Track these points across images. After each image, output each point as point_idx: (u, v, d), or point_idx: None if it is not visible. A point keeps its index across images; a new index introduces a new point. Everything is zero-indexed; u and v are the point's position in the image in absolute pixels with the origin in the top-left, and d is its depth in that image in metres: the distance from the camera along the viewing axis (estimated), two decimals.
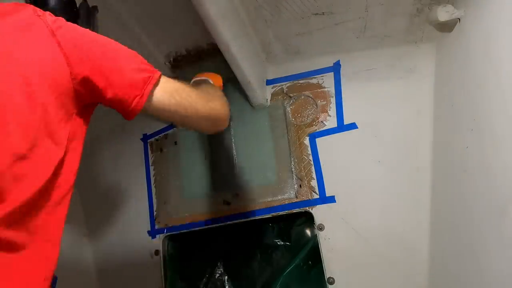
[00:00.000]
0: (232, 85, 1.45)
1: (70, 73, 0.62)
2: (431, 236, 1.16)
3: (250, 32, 1.27)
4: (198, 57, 1.42)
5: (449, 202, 1.09)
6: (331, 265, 1.22)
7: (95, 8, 0.89)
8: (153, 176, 1.53)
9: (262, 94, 1.37)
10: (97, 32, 0.78)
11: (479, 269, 0.90)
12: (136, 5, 1.22)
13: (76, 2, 0.85)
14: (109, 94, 0.66)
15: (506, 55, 0.83)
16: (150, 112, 0.73)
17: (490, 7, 0.91)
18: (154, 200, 1.51)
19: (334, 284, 1.21)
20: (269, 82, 1.42)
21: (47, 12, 0.65)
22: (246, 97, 1.39)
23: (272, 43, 1.33)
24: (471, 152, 0.96)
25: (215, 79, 1.09)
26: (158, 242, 1.46)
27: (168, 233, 1.45)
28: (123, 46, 0.71)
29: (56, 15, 0.68)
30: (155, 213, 1.50)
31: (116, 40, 0.72)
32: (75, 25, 0.67)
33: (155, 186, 1.52)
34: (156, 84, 0.71)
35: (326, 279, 1.21)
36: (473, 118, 0.95)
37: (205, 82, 1.04)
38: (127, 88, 0.67)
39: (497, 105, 0.85)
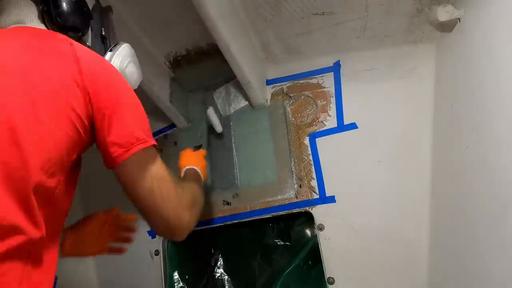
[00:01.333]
0: (232, 85, 1.45)
1: (84, 99, 0.64)
2: (431, 236, 1.16)
3: (250, 32, 1.28)
4: (198, 57, 1.42)
5: (449, 202, 1.09)
6: (331, 265, 1.22)
7: (109, 8, 0.89)
8: None
9: (262, 94, 1.37)
10: (112, 32, 0.84)
11: (479, 269, 0.90)
12: (136, 5, 1.22)
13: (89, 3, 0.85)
14: (104, 135, 0.67)
15: (506, 55, 0.83)
16: (121, 174, 0.71)
17: (490, 7, 0.91)
18: None
19: (334, 284, 1.21)
20: (269, 82, 1.42)
21: (77, 43, 0.69)
22: (246, 97, 1.39)
23: (272, 43, 1.33)
24: (471, 152, 0.96)
25: (203, 169, 1.14)
26: (158, 242, 1.46)
27: None
28: (139, 102, 0.72)
29: (68, 18, 0.72)
30: None
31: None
32: (102, 59, 0.71)
33: None
34: (146, 150, 0.70)
35: (326, 279, 1.21)
36: (473, 118, 0.95)
37: (194, 173, 1.07)
38: (120, 138, 0.67)
39: (497, 105, 0.85)
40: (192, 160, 1.15)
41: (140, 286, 1.51)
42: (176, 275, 1.45)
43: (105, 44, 0.85)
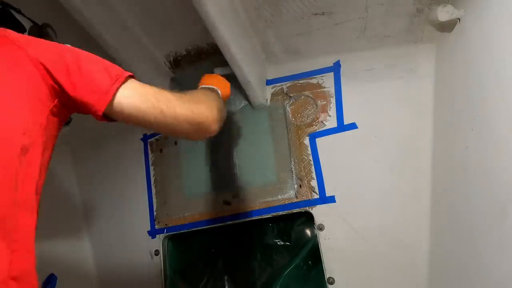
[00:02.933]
0: (232, 85, 1.45)
1: (42, 77, 0.64)
2: (431, 236, 1.16)
3: (250, 32, 1.27)
4: (198, 57, 1.42)
5: (449, 202, 1.09)
6: (331, 265, 1.22)
7: (46, 25, 0.90)
8: (153, 176, 1.53)
9: (262, 94, 1.37)
10: None
11: (479, 269, 0.90)
12: (136, 5, 1.22)
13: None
14: (72, 93, 0.66)
15: (506, 55, 0.83)
16: (121, 116, 0.70)
17: (490, 7, 0.91)
18: (154, 200, 1.51)
19: (334, 284, 1.21)
20: (269, 82, 1.42)
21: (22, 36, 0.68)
22: (246, 97, 1.39)
23: (272, 43, 1.33)
24: (471, 152, 0.96)
25: (223, 88, 1.06)
26: (158, 242, 1.46)
27: (168, 233, 1.45)
28: (89, 53, 0.71)
29: None
30: (155, 213, 1.50)
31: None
32: (42, 40, 0.70)
33: (155, 186, 1.52)
34: (124, 83, 0.69)
35: (326, 279, 1.21)
36: (473, 118, 0.95)
37: (210, 90, 1.00)
38: (89, 88, 0.67)
39: (497, 105, 0.85)
40: (214, 81, 1.06)
41: (140, 286, 1.51)
42: (176, 275, 1.45)
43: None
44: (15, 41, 0.66)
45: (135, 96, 0.70)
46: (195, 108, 0.77)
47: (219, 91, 1.03)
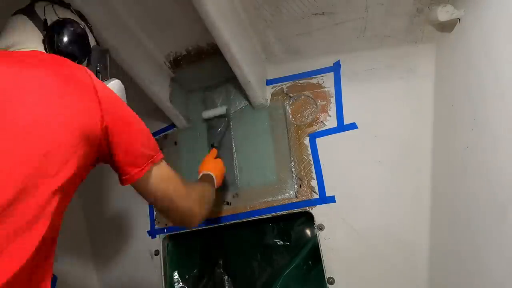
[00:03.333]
0: (232, 85, 1.45)
1: (101, 124, 0.70)
2: (431, 236, 1.16)
3: (250, 32, 1.28)
4: (198, 57, 1.42)
5: (449, 202, 1.09)
6: (331, 265, 1.22)
7: (106, 51, 0.98)
8: None
9: (262, 94, 1.37)
10: (106, 70, 0.93)
11: (479, 269, 0.90)
12: (136, 5, 1.22)
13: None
14: (117, 156, 0.75)
15: (506, 55, 0.83)
16: (138, 188, 0.81)
17: (490, 7, 0.91)
18: None
19: (334, 284, 1.21)
20: (269, 82, 1.42)
21: (92, 72, 0.76)
22: (246, 97, 1.39)
23: (272, 43, 1.33)
24: (471, 152, 0.96)
25: (219, 176, 1.22)
26: (158, 242, 1.46)
27: (168, 233, 1.45)
28: (144, 126, 0.80)
29: (68, 45, 0.81)
30: (155, 213, 1.50)
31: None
32: (113, 92, 0.78)
33: None
34: (157, 164, 0.81)
35: (326, 279, 1.21)
36: (473, 118, 0.95)
37: (209, 180, 1.17)
38: (130, 159, 0.76)
39: (497, 105, 0.85)
40: (210, 166, 1.24)
41: (140, 286, 1.51)
42: (176, 275, 1.45)
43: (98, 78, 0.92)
44: (92, 80, 0.72)
45: (158, 179, 0.82)
46: (194, 207, 0.93)
47: (215, 180, 1.19)
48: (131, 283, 1.53)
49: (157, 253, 1.45)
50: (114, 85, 0.89)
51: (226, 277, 1.40)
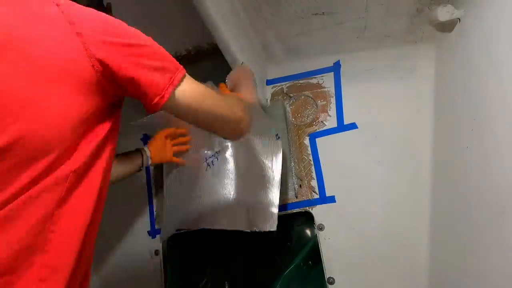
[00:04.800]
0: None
1: (90, 64, 0.58)
2: (431, 236, 1.16)
3: (250, 32, 1.27)
4: (198, 57, 1.42)
5: (449, 202, 1.09)
6: (331, 265, 1.22)
7: (109, 5, 0.90)
8: (153, 176, 1.53)
9: (262, 94, 1.37)
10: None
11: (479, 269, 0.90)
12: (136, 5, 1.22)
13: None
14: (130, 87, 0.64)
15: (506, 55, 0.83)
16: (170, 111, 0.70)
17: (490, 7, 0.91)
18: (154, 200, 1.51)
19: (334, 284, 1.21)
20: (269, 82, 1.42)
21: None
22: None
23: (272, 43, 1.33)
24: (471, 152, 0.96)
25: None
26: (158, 242, 1.46)
27: None
28: (147, 37, 0.69)
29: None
30: (155, 213, 1.50)
31: None
32: (91, 9, 0.62)
33: (155, 186, 1.51)
34: (179, 84, 0.68)
35: (326, 279, 1.21)
36: (473, 118, 0.95)
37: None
38: (148, 86, 0.64)
39: (497, 105, 0.85)
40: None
41: (140, 286, 1.51)
42: (176, 275, 1.45)
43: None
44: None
45: (186, 97, 0.69)
46: (235, 111, 0.80)
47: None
48: (131, 283, 1.52)
49: (157, 253, 1.45)
50: None
51: (226, 277, 1.39)
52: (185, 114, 0.72)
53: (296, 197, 1.29)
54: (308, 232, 1.33)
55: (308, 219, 1.29)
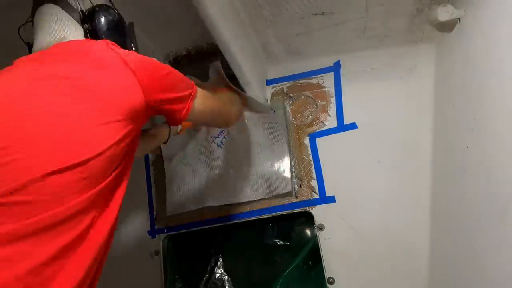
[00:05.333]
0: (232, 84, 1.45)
1: (144, 98, 0.71)
2: (431, 236, 1.16)
3: (250, 32, 1.27)
4: (198, 57, 1.42)
5: (449, 202, 1.09)
6: (331, 265, 1.22)
7: (132, 24, 1.00)
8: (153, 175, 1.53)
9: (262, 94, 1.36)
10: (136, 45, 0.96)
11: (479, 269, 0.90)
12: (136, 5, 1.22)
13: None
14: (166, 106, 0.79)
15: (506, 55, 0.83)
16: (190, 119, 0.88)
17: (490, 7, 0.91)
18: (154, 200, 1.51)
19: (334, 284, 1.21)
20: (269, 82, 1.42)
21: (115, 44, 0.77)
22: None
23: (272, 43, 1.33)
24: (471, 152, 0.96)
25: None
26: (158, 242, 1.46)
27: (168, 233, 1.45)
28: (176, 72, 0.83)
29: (111, 36, 0.82)
30: (155, 213, 1.50)
31: None
32: (138, 54, 0.78)
33: (155, 186, 1.51)
34: (195, 98, 0.86)
35: (326, 279, 1.21)
36: (473, 118, 0.95)
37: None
38: (177, 103, 0.81)
39: (497, 105, 0.85)
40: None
41: (140, 286, 1.51)
42: (176, 275, 1.45)
43: None
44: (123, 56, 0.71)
45: (200, 106, 0.88)
46: (230, 107, 1.13)
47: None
48: (131, 283, 1.52)
49: (157, 253, 1.45)
50: None
51: (226, 277, 1.40)
52: (201, 120, 0.99)
53: (296, 197, 1.29)
54: (308, 232, 1.33)
55: (308, 219, 1.29)
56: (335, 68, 1.33)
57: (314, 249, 1.26)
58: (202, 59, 1.42)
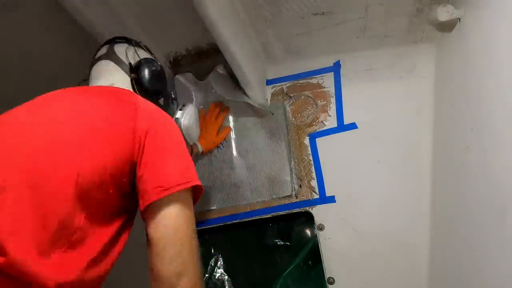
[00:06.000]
0: (233, 85, 1.45)
1: (130, 160, 0.73)
2: (431, 236, 1.16)
3: (250, 32, 1.27)
4: (198, 57, 1.42)
5: (449, 202, 1.09)
6: (331, 265, 1.22)
7: (175, 77, 1.18)
8: None
9: (262, 94, 1.37)
10: (177, 94, 1.17)
11: (479, 269, 0.90)
12: (136, 5, 1.22)
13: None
14: (141, 172, 0.72)
15: (506, 55, 0.83)
16: (150, 214, 0.72)
17: (490, 7, 0.91)
18: None
19: (334, 284, 1.21)
20: (269, 82, 1.42)
21: (142, 99, 0.84)
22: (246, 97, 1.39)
23: (272, 43, 1.33)
24: (471, 152, 0.96)
25: (207, 147, 1.31)
26: None
27: None
28: (186, 152, 0.79)
29: (154, 85, 0.96)
30: None
31: None
32: (161, 111, 0.83)
33: None
34: (182, 194, 0.72)
35: (326, 279, 1.21)
36: (473, 118, 0.95)
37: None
38: (160, 175, 0.71)
39: (497, 105, 0.85)
40: (208, 136, 1.33)
41: (140, 286, 1.50)
42: None
43: (174, 104, 1.08)
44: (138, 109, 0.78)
45: (175, 214, 0.70)
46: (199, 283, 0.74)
47: (200, 148, 1.27)
48: (131, 283, 1.52)
49: None
50: (191, 109, 1.06)
51: (226, 277, 1.39)
52: (162, 227, 0.70)
53: (296, 197, 1.29)
54: (308, 232, 1.33)
55: (308, 219, 1.29)
56: (335, 68, 1.33)
57: (314, 249, 1.26)
58: (202, 59, 1.42)
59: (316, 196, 1.27)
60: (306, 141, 1.32)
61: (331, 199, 1.26)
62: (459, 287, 1.01)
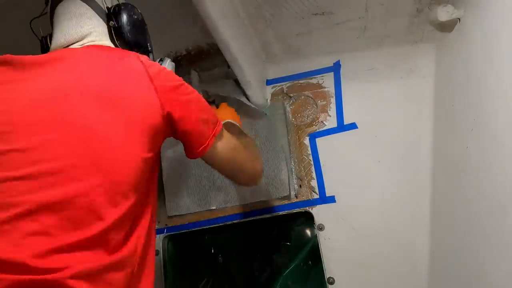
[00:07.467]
0: (233, 86, 1.45)
1: (162, 114, 0.70)
2: (431, 236, 1.16)
3: (250, 32, 1.27)
4: (198, 57, 1.42)
5: (449, 202, 1.09)
6: (331, 265, 1.22)
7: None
8: None
9: (262, 94, 1.37)
10: (151, 46, 0.95)
11: (479, 269, 0.90)
12: (136, 5, 1.22)
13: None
14: (182, 135, 0.77)
15: (506, 55, 0.83)
16: (205, 160, 0.83)
17: (490, 7, 0.91)
18: None
19: (334, 284, 1.21)
20: (269, 82, 1.42)
21: (145, 57, 0.76)
22: (246, 97, 1.39)
23: (272, 43, 1.33)
24: (471, 152, 0.96)
25: (237, 119, 1.22)
26: (158, 242, 1.46)
27: (168, 233, 1.45)
28: (201, 97, 0.80)
29: (136, 36, 0.83)
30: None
31: None
32: (168, 72, 0.76)
33: None
34: (219, 135, 0.81)
35: (326, 279, 1.21)
36: (473, 118, 0.95)
37: (233, 126, 1.15)
38: (197, 136, 0.77)
39: (497, 105, 0.85)
40: (231, 116, 1.22)
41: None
42: (176, 275, 1.45)
43: (151, 57, 0.92)
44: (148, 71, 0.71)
45: (222, 149, 0.82)
46: (256, 165, 0.95)
47: (237, 124, 1.19)
48: None
49: (157, 253, 1.45)
50: (169, 65, 0.91)
51: (226, 277, 1.40)
52: (218, 162, 0.84)
53: (296, 197, 1.29)
54: (308, 232, 1.33)
55: (308, 219, 1.29)
56: (335, 68, 1.33)
57: (314, 249, 1.26)
58: (202, 59, 1.42)
59: (316, 196, 1.27)
60: (306, 141, 1.32)
61: (331, 199, 1.26)
62: (459, 287, 1.01)
